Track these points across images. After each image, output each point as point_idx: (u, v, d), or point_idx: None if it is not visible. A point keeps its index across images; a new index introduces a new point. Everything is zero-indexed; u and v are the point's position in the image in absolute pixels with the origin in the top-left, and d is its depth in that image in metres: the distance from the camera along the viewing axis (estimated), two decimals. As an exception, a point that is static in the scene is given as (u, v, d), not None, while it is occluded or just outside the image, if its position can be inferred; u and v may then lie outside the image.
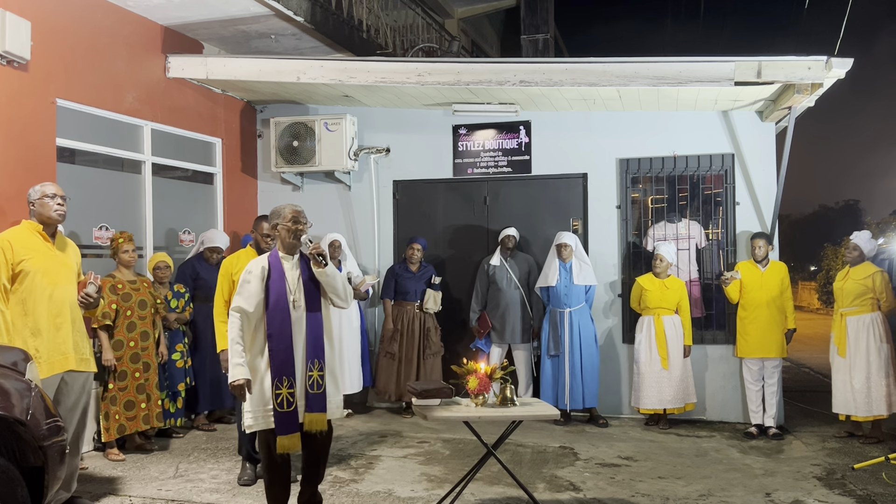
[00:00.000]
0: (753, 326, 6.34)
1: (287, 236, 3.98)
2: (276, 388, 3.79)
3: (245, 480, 4.90)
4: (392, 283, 7.13)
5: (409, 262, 7.09)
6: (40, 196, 4.29)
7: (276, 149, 7.60)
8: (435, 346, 7.01)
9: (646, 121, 7.10)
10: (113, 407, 5.51)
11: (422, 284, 7.06)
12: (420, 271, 7.10)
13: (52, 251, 4.31)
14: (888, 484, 4.85)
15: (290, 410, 3.81)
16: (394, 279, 7.12)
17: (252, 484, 4.88)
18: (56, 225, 4.39)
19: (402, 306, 7.07)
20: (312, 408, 3.86)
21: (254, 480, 4.90)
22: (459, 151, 7.63)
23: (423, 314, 7.05)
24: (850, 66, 5.63)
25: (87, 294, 4.26)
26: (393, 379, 7.00)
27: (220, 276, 4.91)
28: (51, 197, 4.29)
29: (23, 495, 3.32)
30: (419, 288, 7.05)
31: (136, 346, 5.60)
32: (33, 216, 4.32)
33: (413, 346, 6.99)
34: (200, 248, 6.62)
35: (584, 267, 6.73)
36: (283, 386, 3.80)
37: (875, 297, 6.05)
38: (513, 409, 4.29)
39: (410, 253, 7.05)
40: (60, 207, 4.33)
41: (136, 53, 6.49)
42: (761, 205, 6.84)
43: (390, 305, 7.14)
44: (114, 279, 5.58)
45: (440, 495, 4.54)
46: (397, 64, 6.61)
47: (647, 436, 6.33)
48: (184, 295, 6.25)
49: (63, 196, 4.37)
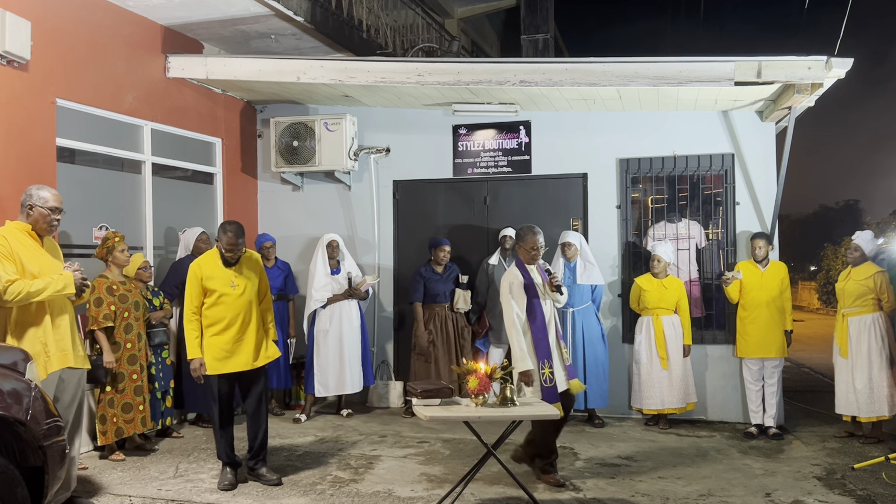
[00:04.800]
0: (753, 326, 6.34)
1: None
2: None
3: (225, 485, 4.84)
4: (420, 286, 7.00)
5: (435, 264, 7.04)
6: (42, 205, 4.27)
7: (276, 149, 7.61)
8: (469, 345, 7.03)
9: (646, 121, 7.10)
10: (110, 410, 5.47)
11: (450, 285, 7.03)
12: (446, 272, 7.06)
13: (42, 250, 4.32)
14: (888, 484, 4.85)
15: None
16: (422, 282, 7.00)
17: (232, 489, 4.82)
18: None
19: (433, 309, 7.01)
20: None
21: (234, 485, 4.85)
22: (459, 151, 7.63)
23: (455, 314, 7.05)
24: (850, 66, 5.63)
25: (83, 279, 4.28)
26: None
27: (189, 281, 4.87)
28: (52, 211, 4.29)
29: (23, 495, 3.32)
30: (448, 289, 7.01)
31: (133, 348, 5.59)
32: (26, 217, 4.28)
33: (450, 347, 6.97)
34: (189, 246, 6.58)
35: (588, 267, 6.72)
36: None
37: (876, 298, 6.04)
38: (513, 409, 4.29)
39: (442, 255, 6.96)
40: (56, 224, 4.35)
41: (136, 53, 6.49)
42: (761, 205, 6.84)
43: (421, 309, 7.03)
44: (107, 280, 5.52)
45: (440, 495, 4.54)
46: (397, 64, 6.61)
47: (647, 436, 6.33)
48: (159, 293, 6.22)
49: (62, 210, 4.37)
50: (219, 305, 4.80)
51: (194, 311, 4.84)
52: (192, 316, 4.84)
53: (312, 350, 6.90)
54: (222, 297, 4.80)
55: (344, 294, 6.93)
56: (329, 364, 6.85)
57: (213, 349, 4.81)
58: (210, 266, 4.86)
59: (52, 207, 4.29)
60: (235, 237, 4.79)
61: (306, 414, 6.94)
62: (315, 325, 6.91)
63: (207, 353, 4.82)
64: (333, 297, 6.89)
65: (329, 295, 6.88)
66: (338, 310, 6.92)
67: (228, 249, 4.81)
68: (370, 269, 7.70)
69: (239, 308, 4.83)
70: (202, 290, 4.83)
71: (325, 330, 6.88)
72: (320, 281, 6.86)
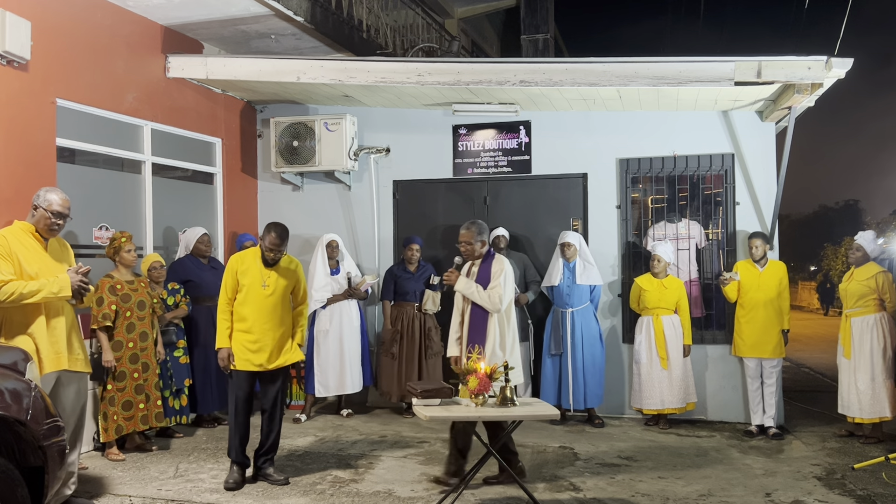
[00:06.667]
0: (750, 326, 6.34)
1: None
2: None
3: (230, 484, 4.84)
4: (391, 284, 7.10)
5: (407, 262, 7.08)
6: (46, 208, 4.27)
7: (276, 149, 7.60)
8: (436, 347, 7.00)
9: (646, 121, 7.10)
10: (111, 407, 5.50)
11: (421, 285, 7.04)
12: (419, 271, 7.08)
13: (44, 251, 4.30)
14: (888, 484, 4.85)
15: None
16: (393, 280, 7.10)
17: (238, 488, 4.82)
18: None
19: (402, 307, 7.06)
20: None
21: (240, 485, 4.85)
22: (459, 151, 7.63)
23: (423, 315, 7.05)
24: (850, 66, 5.63)
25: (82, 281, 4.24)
26: (395, 380, 6.99)
27: (226, 272, 4.93)
28: (53, 215, 4.28)
29: (23, 495, 3.32)
30: (418, 289, 7.03)
31: (135, 347, 5.60)
32: (31, 217, 4.31)
33: (414, 347, 6.98)
34: (189, 246, 6.60)
35: (587, 267, 6.73)
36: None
37: (879, 298, 6.03)
38: (513, 409, 4.29)
39: (410, 254, 7.04)
40: (57, 228, 4.35)
41: (136, 53, 6.49)
42: (761, 205, 6.84)
43: (389, 307, 7.12)
44: (112, 279, 5.55)
45: (440, 495, 4.54)
46: (397, 64, 6.61)
47: (647, 436, 6.33)
48: (178, 291, 6.25)
49: (67, 216, 4.36)
50: (246, 303, 4.85)
51: (228, 302, 4.88)
52: (224, 306, 4.88)
53: (312, 350, 6.90)
54: (250, 295, 4.84)
55: (344, 294, 6.93)
56: (329, 364, 6.85)
57: (237, 345, 4.86)
58: (249, 261, 4.91)
59: (54, 211, 4.28)
60: (279, 239, 4.84)
61: (306, 414, 6.94)
62: (315, 326, 6.91)
63: (234, 347, 4.86)
64: (333, 298, 6.89)
65: (329, 295, 6.88)
66: (337, 310, 6.92)
67: (270, 249, 4.85)
68: (370, 269, 7.70)
69: (266, 309, 4.85)
70: (236, 283, 4.86)
71: (324, 330, 6.89)
72: (320, 281, 6.86)
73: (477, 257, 4.94)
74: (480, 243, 4.91)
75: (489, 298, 4.75)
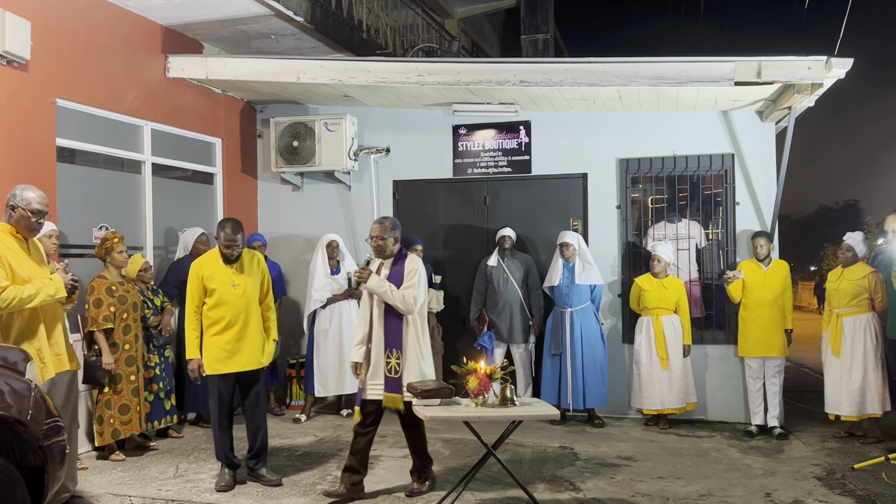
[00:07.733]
0: (755, 326, 6.34)
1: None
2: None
3: (222, 486, 4.83)
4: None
5: None
6: (24, 207, 4.12)
7: (276, 149, 7.60)
8: (436, 346, 6.98)
9: (646, 121, 7.10)
10: (107, 411, 5.46)
11: None
12: None
13: (27, 254, 4.20)
14: (888, 484, 4.85)
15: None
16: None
17: (229, 490, 4.81)
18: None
19: None
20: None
21: (231, 486, 4.85)
22: (459, 151, 7.63)
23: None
24: (850, 66, 5.63)
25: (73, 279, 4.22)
26: None
27: (189, 280, 4.84)
28: (34, 213, 4.14)
29: (22, 495, 3.32)
30: None
31: (130, 349, 5.57)
32: (8, 218, 4.16)
33: None
34: (188, 246, 6.58)
35: (587, 267, 6.72)
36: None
37: (870, 297, 6.06)
38: (513, 409, 4.29)
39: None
40: (39, 227, 4.23)
41: (135, 53, 6.49)
42: (761, 205, 6.84)
43: None
44: (106, 280, 5.49)
45: (440, 495, 4.54)
46: (397, 64, 6.61)
47: (647, 436, 6.33)
48: (159, 292, 6.20)
49: (45, 213, 4.22)
50: (220, 305, 4.79)
51: (195, 311, 4.83)
52: (192, 315, 4.83)
53: (312, 350, 6.90)
54: (223, 297, 4.79)
55: (344, 294, 6.93)
56: (329, 364, 6.85)
57: (214, 349, 4.80)
58: (211, 265, 4.85)
59: (34, 210, 4.14)
60: (233, 233, 4.78)
61: (306, 414, 6.94)
62: (315, 326, 6.91)
63: (207, 353, 4.81)
64: (333, 298, 6.89)
65: (329, 295, 6.88)
66: (337, 310, 6.92)
67: (226, 246, 4.79)
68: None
69: (240, 308, 4.82)
70: (203, 290, 4.82)
71: (324, 330, 6.88)
72: (320, 281, 6.86)
73: (388, 255, 4.68)
74: (393, 240, 4.65)
75: (403, 299, 4.51)
